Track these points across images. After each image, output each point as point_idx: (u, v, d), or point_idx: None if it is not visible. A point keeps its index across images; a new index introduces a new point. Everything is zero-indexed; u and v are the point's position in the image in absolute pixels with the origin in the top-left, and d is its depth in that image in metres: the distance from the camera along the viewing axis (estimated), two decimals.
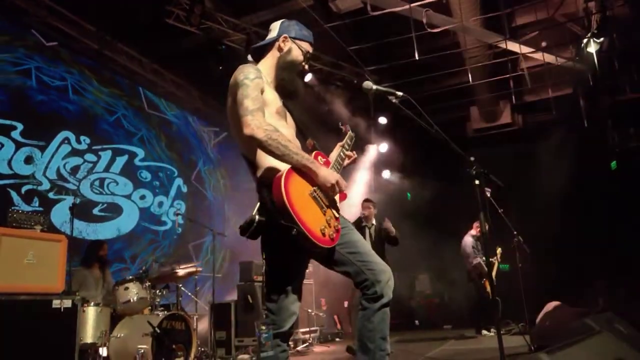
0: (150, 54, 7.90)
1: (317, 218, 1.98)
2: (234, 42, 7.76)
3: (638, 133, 7.70)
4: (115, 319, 4.66)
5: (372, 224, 5.71)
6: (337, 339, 8.31)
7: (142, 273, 4.99)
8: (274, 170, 2.02)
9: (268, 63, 2.28)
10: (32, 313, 3.56)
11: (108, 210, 6.99)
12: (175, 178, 8.40)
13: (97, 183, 6.92)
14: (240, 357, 6.03)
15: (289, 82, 2.25)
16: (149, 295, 4.84)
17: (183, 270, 5.22)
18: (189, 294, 5.78)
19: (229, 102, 2.10)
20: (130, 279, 4.83)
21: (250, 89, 2.02)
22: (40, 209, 5.89)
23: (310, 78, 8.20)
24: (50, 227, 4.63)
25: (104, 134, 7.20)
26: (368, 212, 5.72)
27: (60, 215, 6.16)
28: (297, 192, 1.94)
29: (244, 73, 2.07)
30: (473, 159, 2.90)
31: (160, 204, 7.96)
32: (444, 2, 7.13)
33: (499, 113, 10.18)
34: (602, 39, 7.04)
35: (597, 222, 8.49)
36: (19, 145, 5.99)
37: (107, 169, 7.12)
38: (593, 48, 7.11)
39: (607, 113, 8.25)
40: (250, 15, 7.66)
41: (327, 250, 2.04)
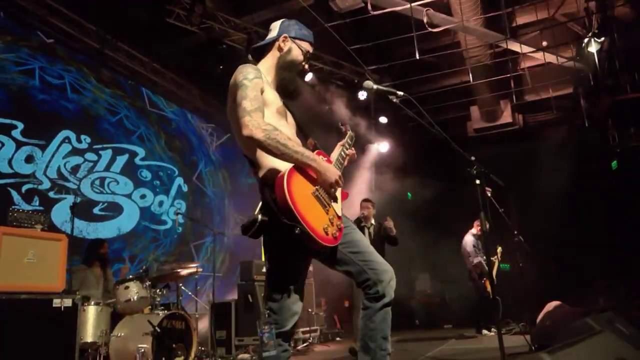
0: (151, 54, 7.90)
1: (320, 217, 1.98)
2: (235, 41, 7.77)
3: (638, 133, 7.69)
4: (116, 318, 4.66)
5: (371, 224, 5.68)
6: (337, 339, 8.30)
7: (142, 272, 4.99)
8: (276, 170, 2.02)
9: (268, 63, 2.28)
10: (32, 312, 3.57)
11: (108, 210, 6.99)
12: (176, 177, 8.40)
13: (97, 182, 6.92)
14: (241, 356, 6.03)
15: (289, 81, 2.25)
16: (149, 295, 4.83)
17: (183, 270, 5.23)
18: (189, 293, 5.78)
19: (229, 102, 2.10)
20: (131, 278, 4.83)
21: (249, 90, 2.01)
22: (41, 208, 5.89)
23: (311, 77, 8.19)
24: (51, 226, 4.63)
25: (105, 133, 7.20)
26: (367, 212, 5.67)
27: (61, 215, 6.17)
28: (299, 191, 1.95)
29: (243, 73, 2.07)
30: (474, 159, 2.91)
31: (161, 204, 7.96)
32: (445, 1, 7.13)
33: (500, 113, 10.18)
34: (602, 39, 7.04)
35: (597, 222, 8.49)
36: (20, 145, 5.99)
37: (107, 168, 7.12)
38: (594, 48, 7.12)
39: (607, 113, 8.24)
40: (251, 15, 7.66)
41: (329, 250, 2.04)
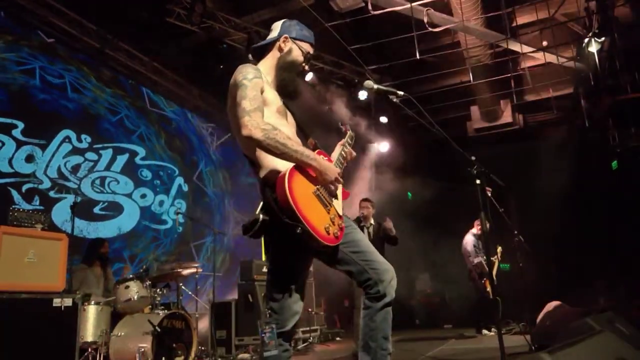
0: (151, 53, 7.90)
1: (321, 216, 1.99)
2: (235, 41, 7.76)
3: (639, 133, 7.69)
4: (116, 318, 4.67)
5: (370, 224, 5.63)
6: (337, 339, 8.30)
7: (142, 272, 5.00)
8: (277, 170, 2.02)
9: (268, 63, 2.28)
10: (32, 311, 3.57)
11: (109, 209, 6.99)
12: (176, 177, 8.40)
13: (97, 182, 6.92)
14: (241, 356, 6.03)
15: (289, 82, 2.25)
16: (150, 294, 4.84)
17: (183, 270, 5.23)
18: (190, 293, 5.78)
19: (229, 102, 2.10)
20: (131, 278, 4.84)
21: (249, 90, 2.01)
22: (41, 208, 5.89)
23: (311, 77, 8.18)
24: (51, 225, 4.64)
25: (105, 133, 7.20)
26: (367, 211, 5.62)
27: (61, 214, 6.17)
28: (300, 190, 1.95)
29: (243, 73, 2.07)
30: (474, 159, 2.91)
31: (161, 203, 7.96)
32: (445, 1, 7.13)
33: (500, 112, 10.17)
34: (603, 39, 7.03)
35: (597, 222, 8.49)
36: (20, 144, 5.99)
37: (107, 168, 7.12)
38: (594, 47, 7.11)
39: (607, 113, 8.24)
40: (251, 15, 7.66)
41: (331, 249, 2.05)
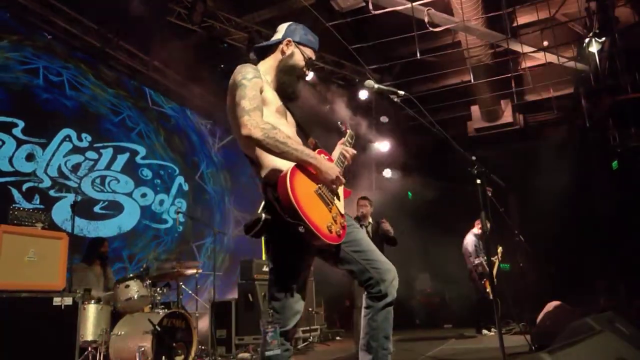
0: (152, 52, 7.89)
1: (323, 215, 1.99)
2: (236, 40, 7.76)
3: (639, 133, 7.68)
4: (116, 317, 4.66)
5: (369, 223, 5.54)
6: (337, 338, 8.31)
7: (142, 271, 5.00)
8: (278, 169, 2.02)
9: (269, 64, 2.29)
10: (32, 310, 3.57)
11: (109, 208, 6.99)
12: (177, 176, 8.40)
13: (98, 181, 6.92)
14: (241, 355, 6.03)
15: (289, 85, 2.25)
16: (150, 293, 4.84)
17: (183, 269, 5.23)
18: (190, 292, 5.78)
19: (228, 102, 2.10)
20: (131, 277, 4.83)
21: (248, 89, 2.02)
22: (41, 207, 5.89)
23: (312, 77, 8.17)
24: (51, 224, 4.63)
25: (105, 132, 7.19)
26: (365, 210, 5.53)
27: (62, 213, 6.17)
28: (302, 189, 1.95)
29: (242, 73, 2.07)
30: (474, 158, 2.91)
31: (162, 202, 7.96)
32: (446, 1, 7.13)
33: (500, 112, 10.18)
34: (603, 39, 7.03)
35: (597, 221, 8.50)
36: (20, 143, 5.98)
37: (108, 167, 7.12)
38: (594, 48, 7.11)
39: (608, 113, 8.24)
40: (252, 14, 7.66)
41: (333, 248, 2.05)
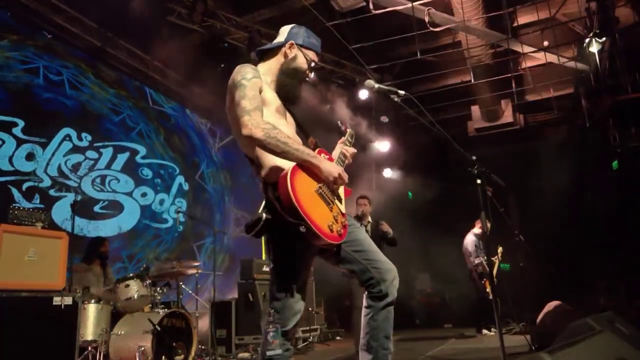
0: (152, 52, 7.90)
1: (324, 214, 1.99)
2: (236, 40, 7.76)
3: (639, 133, 7.68)
4: (116, 317, 4.67)
5: (368, 222, 5.48)
6: (337, 338, 8.31)
7: (142, 270, 5.00)
8: (279, 169, 2.02)
9: (270, 65, 2.28)
10: (32, 310, 3.56)
11: (109, 208, 6.99)
12: (177, 176, 8.40)
13: (98, 180, 6.92)
14: (241, 355, 6.03)
15: (291, 88, 2.25)
16: (150, 293, 4.84)
17: (183, 268, 5.23)
18: (190, 292, 5.78)
19: (228, 102, 2.10)
20: (131, 277, 4.83)
21: (248, 89, 2.01)
22: (41, 206, 5.88)
23: (312, 77, 8.17)
24: (51, 224, 4.64)
25: (106, 132, 7.20)
26: (364, 209, 5.46)
27: (62, 213, 6.16)
28: (303, 189, 1.95)
29: (242, 73, 2.07)
30: (475, 158, 2.91)
31: (162, 202, 7.96)
32: (446, 1, 7.13)
33: (501, 112, 10.18)
34: (603, 39, 7.03)
35: (597, 221, 8.49)
36: (21, 142, 5.98)
37: (108, 166, 7.12)
38: (595, 48, 7.11)
39: (608, 113, 8.23)
40: (252, 13, 7.66)
41: (334, 247, 2.04)
